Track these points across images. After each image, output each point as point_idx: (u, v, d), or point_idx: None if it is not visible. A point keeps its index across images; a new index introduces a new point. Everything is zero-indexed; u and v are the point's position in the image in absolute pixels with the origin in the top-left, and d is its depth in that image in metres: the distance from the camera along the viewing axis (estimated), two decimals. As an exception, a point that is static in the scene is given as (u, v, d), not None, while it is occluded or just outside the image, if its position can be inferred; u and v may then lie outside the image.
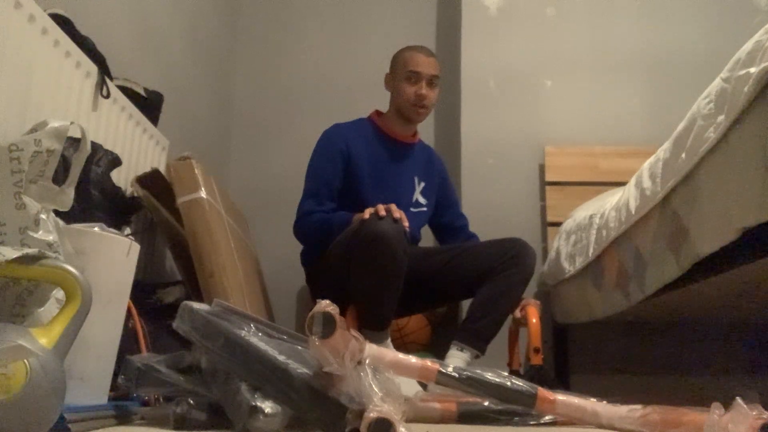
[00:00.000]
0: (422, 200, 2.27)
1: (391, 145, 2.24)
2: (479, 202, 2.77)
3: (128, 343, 1.28)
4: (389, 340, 1.95)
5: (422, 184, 2.27)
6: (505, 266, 2.01)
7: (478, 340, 1.96)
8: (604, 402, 1.16)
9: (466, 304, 2.20)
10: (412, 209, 2.21)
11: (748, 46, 1.22)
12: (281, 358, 1.01)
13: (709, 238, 1.35)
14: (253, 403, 0.96)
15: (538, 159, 2.86)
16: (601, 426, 1.14)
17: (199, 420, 1.04)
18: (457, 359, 1.92)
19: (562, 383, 2.46)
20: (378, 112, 2.30)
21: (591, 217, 2.12)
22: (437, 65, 2.21)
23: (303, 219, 2.12)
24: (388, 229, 1.80)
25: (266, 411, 0.96)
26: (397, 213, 1.84)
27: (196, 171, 1.78)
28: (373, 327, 1.87)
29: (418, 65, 2.17)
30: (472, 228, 2.41)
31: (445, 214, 2.38)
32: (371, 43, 3.27)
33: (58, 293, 0.96)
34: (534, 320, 2.02)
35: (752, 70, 1.17)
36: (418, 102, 2.16)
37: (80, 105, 1.51)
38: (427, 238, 2.50)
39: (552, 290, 2.55)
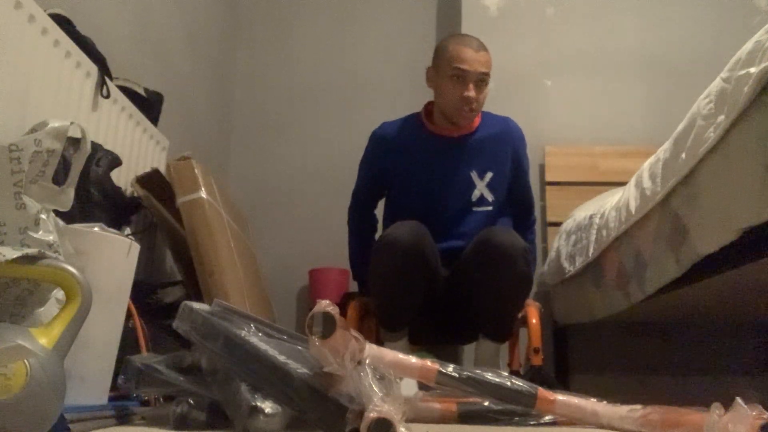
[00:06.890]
0: (489, 196, 2.01)
1: (441, 144, 2.02)
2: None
3: (128, 343, 1.28)
4: (401, 342, 1.91)
5: (489, 175, 2.01)
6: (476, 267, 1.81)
7: (500, 334, 1.92)
8: (604, 402, 1.16)
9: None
10: (475, 209, 2.00)
11: (748, 46, 1.22)
12: (281, 358, 1.01)
13: (709, 238, 1.35)
14: (253, 403, 0.96)
15: (538, 159, 2.86)
16: (601, 426, 1.14)
17: (199, 420, 1.04)
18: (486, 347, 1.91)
19: (562, 383, 2.45)
20: (427, 109, 2.08)
21: (591, 217, 2.12)
22: (488, 61, 1.93)
23: (349, 213, 2.22)
24: (401, 234, 1.76)
25: (266, 411, 0.96)
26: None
27: (196, 171, 1.78)
28: (383, 325, 1.93)
29: (465, 62, 1.89)
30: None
31: (510, 196, 2.09)
32: (371, 43, 3.28)
33: (58, 293, 0.95)
34: (534, 320, 2.02)
35: (752, 70, 1.17)
36: (464, 105, 1.93)
37: (80, 105, 1.51)
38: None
39: (552, 290, 2.55)
